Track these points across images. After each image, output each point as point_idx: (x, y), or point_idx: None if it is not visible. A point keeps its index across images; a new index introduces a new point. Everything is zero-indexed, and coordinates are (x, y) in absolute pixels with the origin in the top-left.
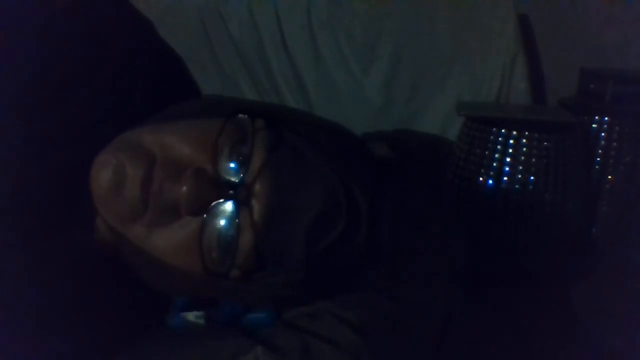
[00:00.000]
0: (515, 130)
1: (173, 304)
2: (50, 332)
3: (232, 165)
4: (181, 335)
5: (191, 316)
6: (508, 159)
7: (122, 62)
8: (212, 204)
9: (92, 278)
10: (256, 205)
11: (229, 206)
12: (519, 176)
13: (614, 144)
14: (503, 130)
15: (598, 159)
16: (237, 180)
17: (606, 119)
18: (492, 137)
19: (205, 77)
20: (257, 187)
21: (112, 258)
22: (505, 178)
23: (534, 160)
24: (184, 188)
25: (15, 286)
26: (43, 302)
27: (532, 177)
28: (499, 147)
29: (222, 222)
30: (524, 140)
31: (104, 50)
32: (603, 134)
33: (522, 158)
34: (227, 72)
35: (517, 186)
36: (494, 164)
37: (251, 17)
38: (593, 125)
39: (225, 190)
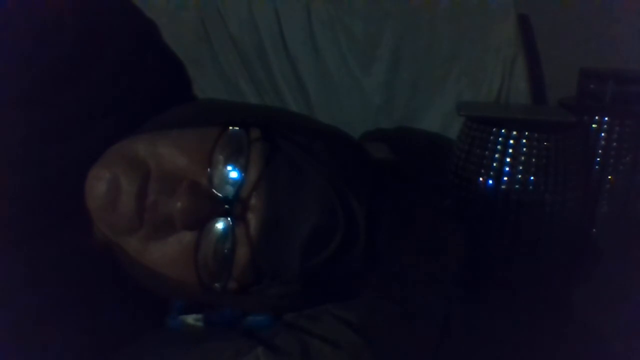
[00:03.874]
0: (515, 130)
1: (173, 306)
2: (50, 332)
3: (227, 178)
4: (181, 336)
5: (190, 319)
6: (508, 159)
7: (123, 62)
8: (208, 220)
9: (91, 278)
10: (252, 220)
11: (224, 221)
12: (519, 176)
13: (614, 144)
14: (503, 130)
15: (598, 159)
16: (232, 195)
17: (606, 119)
18: (492, 137)
19: (205, 77)
20: (253, 201)
21: (110, 259)
22: (505, 178)
23: (534, 160)
24: (179, 204)
25: (15, 286)
26: (42, 302)
27: (532, 177)
28: (499, 147)
29: (218, 237)
30: (524, 140)
31: (105, 50)
32: (603, 134)
33: (522, 158)
34: (227, 72)
35: (517, 186)
36: (494, 164)
37: (251, 17)
38: (593, 125)
39: (220, 205)
